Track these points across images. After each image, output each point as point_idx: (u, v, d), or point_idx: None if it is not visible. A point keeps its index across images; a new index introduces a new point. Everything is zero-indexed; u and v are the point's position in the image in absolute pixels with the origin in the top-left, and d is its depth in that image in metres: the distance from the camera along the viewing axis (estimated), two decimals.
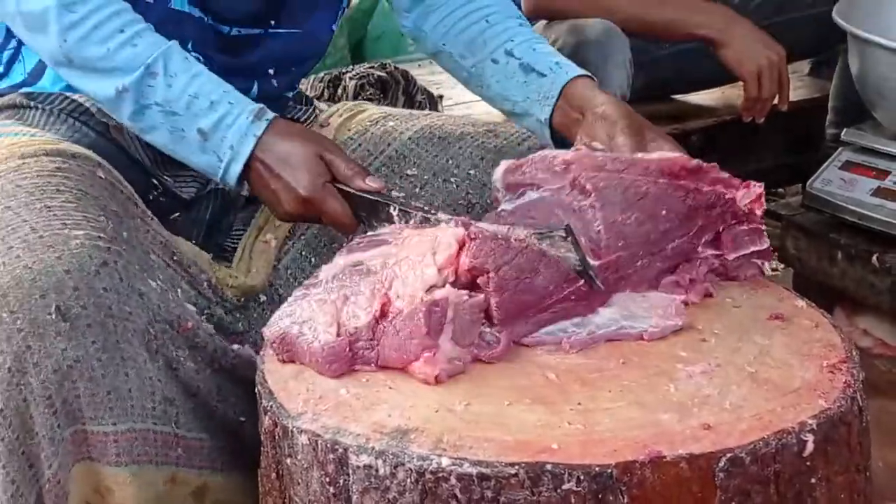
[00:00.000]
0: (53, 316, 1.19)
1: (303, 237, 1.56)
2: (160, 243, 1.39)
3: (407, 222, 1.31)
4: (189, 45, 1.45)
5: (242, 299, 1.49)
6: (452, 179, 1.61)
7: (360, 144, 1.64)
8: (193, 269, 1.42)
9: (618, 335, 1.20)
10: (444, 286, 1.16)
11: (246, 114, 1.37)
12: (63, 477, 1.22)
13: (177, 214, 1.53)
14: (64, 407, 1.20)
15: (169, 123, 1.37)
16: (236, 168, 1.37)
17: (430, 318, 1.13)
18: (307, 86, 2.70)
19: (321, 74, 2.76)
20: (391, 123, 1.67)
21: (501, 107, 1.62)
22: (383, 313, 1.16)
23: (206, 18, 1.49)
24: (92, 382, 1.21)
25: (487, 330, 1.18)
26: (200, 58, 1.44)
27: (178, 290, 1.38)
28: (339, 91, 2.65)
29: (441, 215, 1.29)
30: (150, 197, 1.49)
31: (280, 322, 1.20)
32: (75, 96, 1.49)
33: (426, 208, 1.33)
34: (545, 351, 1.19)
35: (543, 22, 2.43)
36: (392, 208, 1.34)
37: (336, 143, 1.61)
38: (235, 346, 1.38)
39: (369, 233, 1.34)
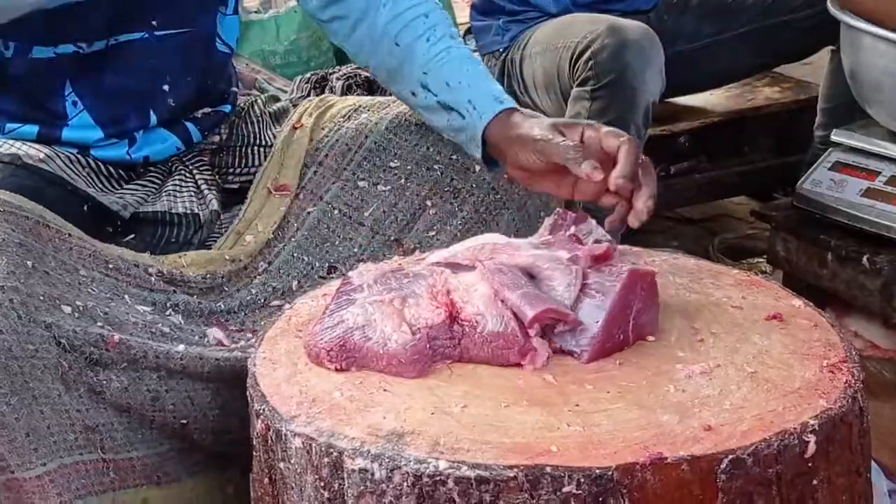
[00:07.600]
0: None
1: (293, 240, 1.52)
2: (89, 256, 1.33)
3: None
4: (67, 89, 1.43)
5: (209, 276, 1.43)
6: (436, 167, 1.58)
7: (336, 140, 1.60)
8: (134, 270, 1.37)
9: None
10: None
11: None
12: None
13: (131, 237, 1.47)
14: None
15: None
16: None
17: (521, 325, 1.12)
18: (293, 87, 2.68)
19: (308, 75, 2.74)
20: (364, 115, 1.63)
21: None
22: (453, 316, 1.14)
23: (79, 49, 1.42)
24: (6, 429, 1.16)
25: None
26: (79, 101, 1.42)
27: (126, 297, 1.33)
28: (327, 91, 2.63)
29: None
30: (83, 215, 1.42)
31: (331, 331, 1.16)
32: None
33: None
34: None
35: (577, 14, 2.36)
36: None
37: (312, 142, 1.59)
38: (181, 347, 1.29)
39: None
